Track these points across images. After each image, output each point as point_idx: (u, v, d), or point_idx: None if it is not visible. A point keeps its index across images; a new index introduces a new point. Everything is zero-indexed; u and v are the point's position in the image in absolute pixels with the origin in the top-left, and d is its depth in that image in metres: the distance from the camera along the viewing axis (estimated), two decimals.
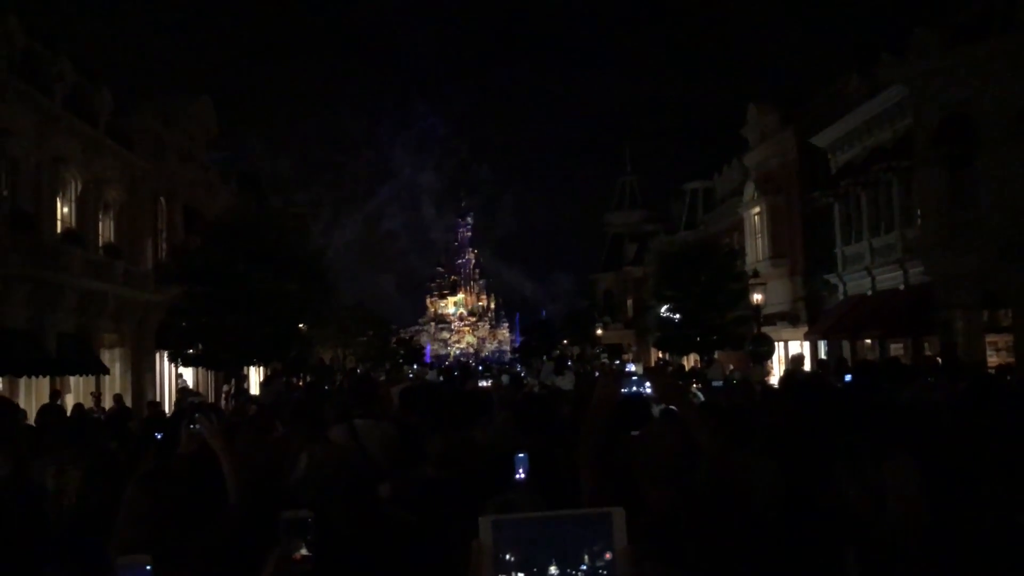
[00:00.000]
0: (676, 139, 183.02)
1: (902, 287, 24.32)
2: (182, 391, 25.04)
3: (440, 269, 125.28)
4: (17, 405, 7.08)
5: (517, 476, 4.52)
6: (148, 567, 2.03)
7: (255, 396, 16.13)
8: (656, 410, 6.23)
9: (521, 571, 1.16)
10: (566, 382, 16.97)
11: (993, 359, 19.88)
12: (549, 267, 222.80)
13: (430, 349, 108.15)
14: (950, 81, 20.95)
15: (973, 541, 2.81)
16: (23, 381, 21.36)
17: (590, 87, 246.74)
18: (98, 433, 7.45)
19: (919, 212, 22.95)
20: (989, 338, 20.88)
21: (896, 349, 23.87)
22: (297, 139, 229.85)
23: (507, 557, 1.16)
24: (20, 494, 4.90)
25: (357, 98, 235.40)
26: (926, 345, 22.78)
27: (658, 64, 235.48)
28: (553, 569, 1.16)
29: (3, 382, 20.68)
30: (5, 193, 22.20)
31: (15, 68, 21.82)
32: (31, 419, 9.14)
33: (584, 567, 1.16)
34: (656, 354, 40.79)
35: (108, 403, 20.47)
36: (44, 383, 21.86)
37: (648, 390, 3.56)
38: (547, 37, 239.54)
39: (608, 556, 1.17)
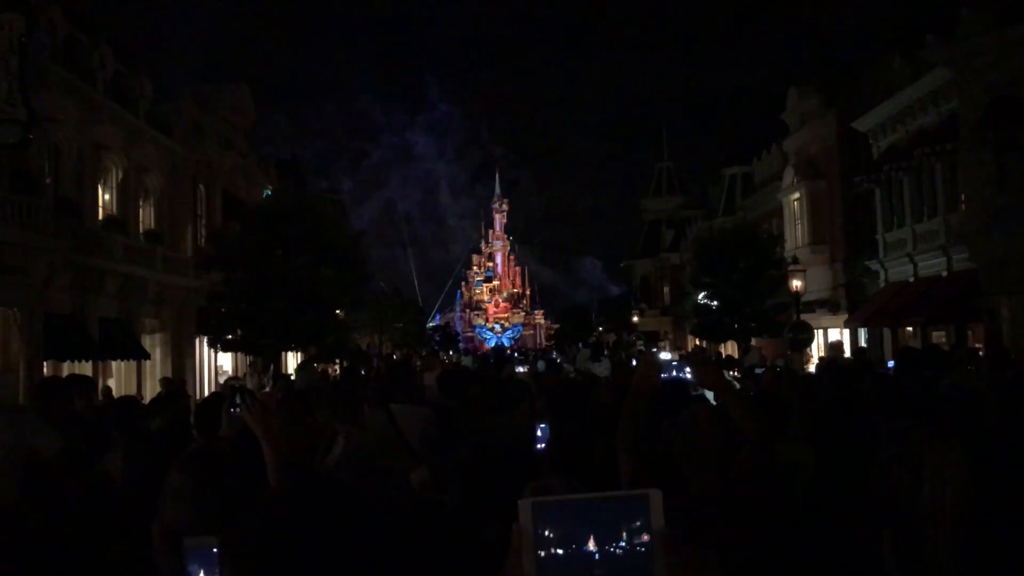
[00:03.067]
0: (714, 124, 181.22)
1: (945, 273, 23.92)
2: (227, 381, 25.38)
3: (475, 255, 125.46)
4: (71, 384, 7.13)
5: (538, 446, 4.52)
6: (215, 549, 2.06)
7: (292, 381, 16.27)
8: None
9: (559, 548, 1.17)
10: (602, 369, 16.91)
11: None
12: (576, 253, 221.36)
13: (464, 336, 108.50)
14: (997, 62, 20.52)
15: (1009, 532, 2.75)
16: (66, 365, 21.80)
17: (625, 70, 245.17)
18: (140, 415, 7.56)
19: (964, 197, 22.52)
20: None
21: (938, 337, 23.51)
22: (320, 124, 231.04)
23: (546, 534, 1.18)
24: (71, 474, 4.98)
25: (380, 82, 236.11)
26: (970, 333, 22.41)
27: (695, 46, 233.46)
28: (591, 546, 1.17)
29: (48, 366, 21.12)
30: (48, 180, 22.61)
31: (58, 56, 22.16)
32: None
33: (623, 544, 1.18)
34: (693, 341, 40.59)
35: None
36: (87, 367, 22.27)
37: (688, 375, 3.52)
38: (579, 18, 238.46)
39: (646, 537, 1.18)
